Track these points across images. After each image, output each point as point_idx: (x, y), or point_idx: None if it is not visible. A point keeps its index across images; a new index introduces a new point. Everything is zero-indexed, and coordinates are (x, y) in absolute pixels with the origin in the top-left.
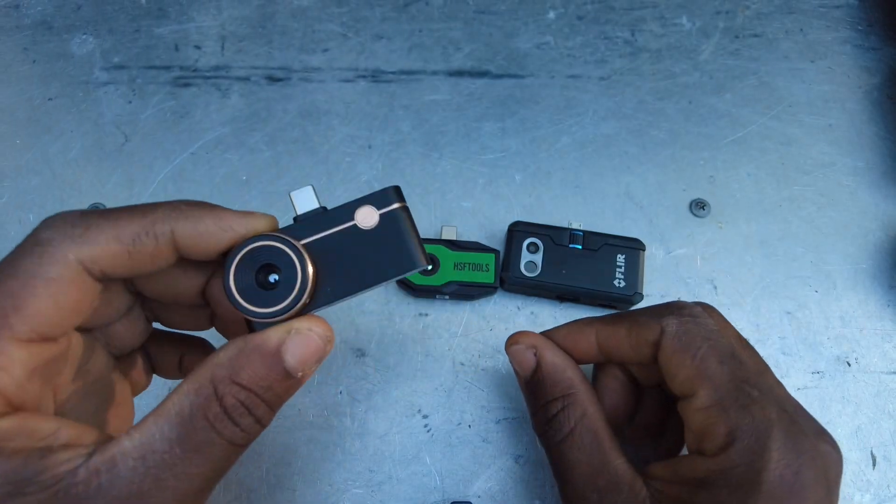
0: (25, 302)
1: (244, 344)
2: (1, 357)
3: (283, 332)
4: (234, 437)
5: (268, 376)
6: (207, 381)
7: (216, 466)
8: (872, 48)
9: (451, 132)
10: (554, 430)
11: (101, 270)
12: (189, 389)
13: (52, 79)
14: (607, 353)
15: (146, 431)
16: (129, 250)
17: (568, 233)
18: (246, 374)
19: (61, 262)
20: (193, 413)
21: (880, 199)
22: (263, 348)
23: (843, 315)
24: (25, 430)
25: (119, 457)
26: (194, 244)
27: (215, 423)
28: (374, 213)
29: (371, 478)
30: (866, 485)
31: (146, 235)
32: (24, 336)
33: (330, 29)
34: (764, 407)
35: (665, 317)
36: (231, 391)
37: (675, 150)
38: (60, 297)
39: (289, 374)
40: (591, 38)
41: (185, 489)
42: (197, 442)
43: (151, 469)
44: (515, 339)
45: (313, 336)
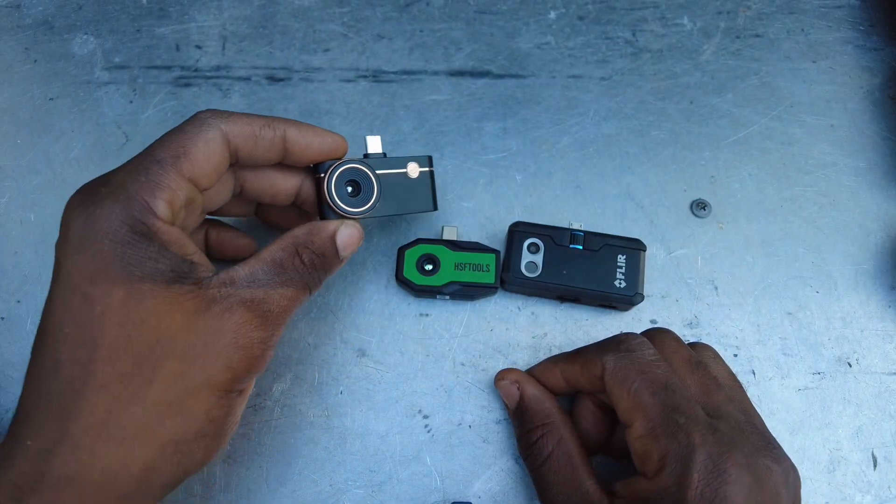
0: (190, 150)
1: (313, 226)
2: (174, 183)
3: (337, 223)
4: (308, 280)
5: (326, 248)
6: (291, 244)
7: (296, 296)
8: (874, 48)
9: (452, 132)
10: (535, 455)
11: (236, 146)
12: (279, 247)
13: (53, 78)
14: (573, 386)
15: (252, 266)
16: (255, 135)
17: (569, 233)
18: (315, 244)
19: (215, 130)
20: (284, 261)
21: (882, 199)
22: (326, 229)
23: (845, 316)
24: (181, 242)
25: (237, 278)
26: (298, 144)
27: (298, 269)
28: (417, 169)
29: (371, 478)
30: (867, 486)
31: (268, 127)
32: (187, 174)
33: (331, 29)
34: (689, 433)
35: (605, 354)
36: (306, 252)
37: (676, 151)
38: (212, 155)
39: (336, 251)
40: (593, 38)
41: (283, 303)
42: (287, 277)
43: (261, 287)
44: (502, 375)
45: (354, 229)
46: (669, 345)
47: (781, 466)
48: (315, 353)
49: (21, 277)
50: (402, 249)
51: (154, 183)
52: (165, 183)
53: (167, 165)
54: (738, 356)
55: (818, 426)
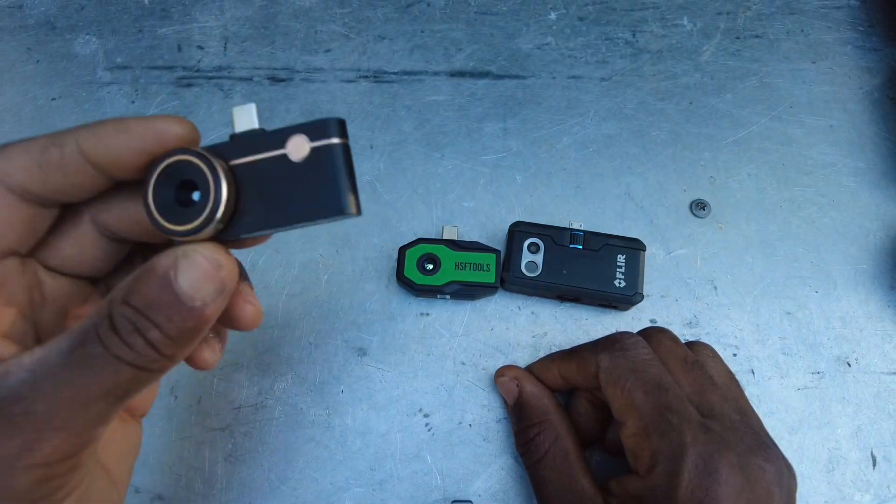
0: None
1: (141, 270)
2: None
3: (172, 255)
4: (122, 354)
5: (158, 298)
6: (107, 302)
7: (105, 382)
8: (874, 49)
9: (453, 132)
10: (531, 451)
11: (20, 185)
12: (91, 312)
13: (55, 79)
14: (570, 384)
15: (47, 347)
16: (38, 162)
17: (569, 233)
18: (137, 296)
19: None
20: (87, 329)
21: (881, 199)
22: (153, 270)
23: (844, 315)
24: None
25: (15, 368)
26: (98, 152)
27: (104, 338)
28: (306, 145)
29: (372, 476)
30: (866, 485)
31: (52, 146)
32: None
33: (332, 29)
34: (680, 432)
35: (600, 352)
36: (120, 310)
37: (676, 151)
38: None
39: (181, 298)
40: (593, 38)
41: (66, 397)
42: (85, 355)
43: (38, 378)
44: (501, 371)
45: (200, 258)
46: (665, 344)
47: (774, 466)
48: (316, 352)
49: None
50: (402, 249)
51: None
52: None
53: None
54: (737, 356)
55: (817, 425)
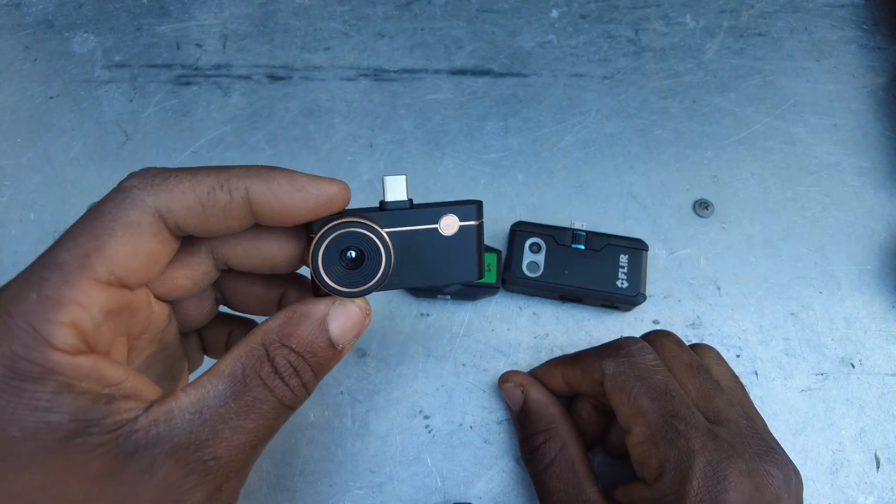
0: (105, 244)
1: (293, 312)
2: (81, 295)
3: (328, 302)
4: (284, 397)
5: (314, 342)
6: (259, 344)
7: (267, 424)
8: (878, 47)
9: (454, 131)
10: (537, 460)
11: (176, 221)
12: (241, 352)
13: (53, 77)
14: (574, 389)
15: (201, 389)
16: (202, 202)
17: (570, 233)
18: (295, 339)
19: (140, 208)
20: (247, 372)
21: (886, 199)
22: (312, 315)
23: (848, 316)
24: (96, 374)
25: (176, 410)
26: (268, 204)
27: (267, 381)
28: (456, 224)
29: (372, 478)
30: (870, 487)
31: (220, 189)
32: (103, 277)
33: (332, 27)
34: (689, 439)
35: (605, 359)
36: (282, 353)
37: (679, 150)
38: (138, 243)
39: (332, 343)
40: (595, 36)
41: (240, 442)
42: (251, 399)
43: (208, 421)
44: (506, 377)
45: (354, 308)
46: (670, 348)
47: (783, 472)
48: None
49: None
50: None
51: (49, 300)
52: (66, 298)
53: (70, 271)
54: (740, 357)
55: (821, 427)
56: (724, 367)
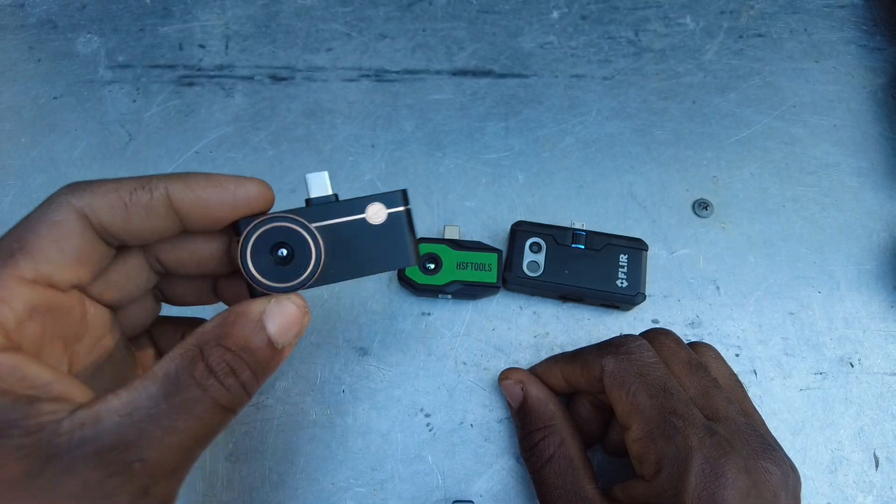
0: (29, 242)
1: (228, 313)
2: (3, 291)
3: (263, 301)
4: (219, 396)
5: (251, 341)
6: (193, 345)
7: (202, 425)
8: (877, 48)
9: (455, 131)
10: (536, 456)
11: (100, 221)
12: (176, 354)
13: (56, 77)
14: (573, 387)
15: (132, 390)
16: (125, 202)
17: (571, 232)
18: (231, 338)
19: (65, 209)
20: (179, 372)
21: (885, 199)
22: (247, 315)
23: (847, 316)
24: (19, 373)
25: (104, 412)
26: (187, 201)
27: (201, 381)
28: (384, 211)
29: (373, 476)
30: (869, 486)
31: (142, 189)
32: (27, 275)
33: (334, 28)
34: (686, 436)
35: (604, 356)
36: (217, 352)
37: (679, 150)
38: (63, 242)
39: (271, 342)
40: (595, 37)
41: (170, 443)
42: (183, 398)
43: (138, 423)
44: (506, 374)
45: (291, 305)
46: (669, 346)
47: (780, 469)
48: (317, 351)
49: None
50: None
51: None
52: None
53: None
54: (739, 356)
55: (820, 426)
56: (722, 364)
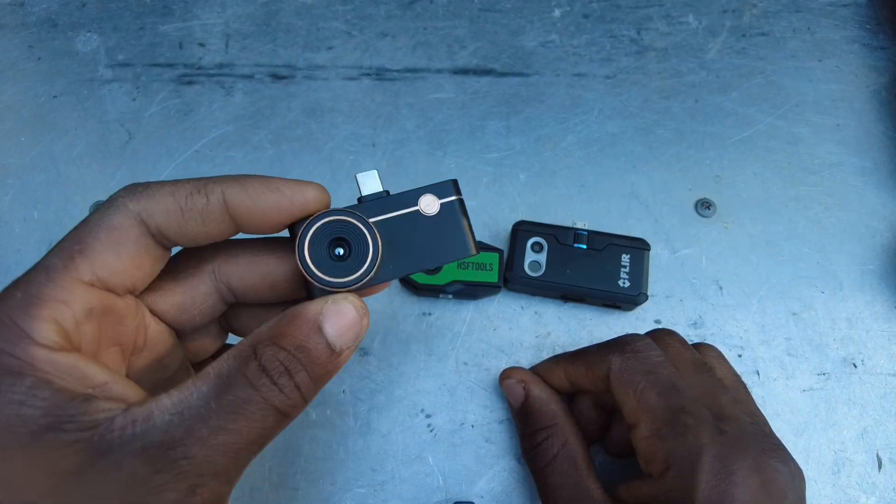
0: (88, 245)
1: (284, 314)
2: (62, 293)
3: (321, 302)
4: (271, 397)
5: (307, 341)
6: (248, 345)
7: (255, 427)
8: (880, 47)
9: (456, 130)
10: (539, 456)
11: (157, 225)
12: (229, 355)
13: (56, 76)
14: (577, 386)
15: (184, 390)
16: (181, 206)
17: (572, 232)
18: (287, 338)
19: (122, 213)
20: (231, 371)
21: (888, 199)
22: (304, 315)
23: (850, 316)
24: (77, 372)
25: (156, 410)
26: (244, 205)
27: (253, 380)
28: (436, 202)
29: (374, 477)
30: (872, 487)
31: (198, 193)
32: (85, 277)
33: (334, 27)
34: (696, 434)
35: (610, 354)
36: (270, 351)
37: (681, 150)
38: (120, 246)
39: (329, 345)
40: (597, 36)
41: (219, 442)
42: (234, 398)
43: (187, 421)
44: (507, 374)
45: (349, 306)
46: (674, 346)
47: (788, 468)
48: None
49: None
50: None
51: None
52: (49, 296)
53: (55, 272)
54: (742, 356)
55: (823, 427)
56: (725, 365)
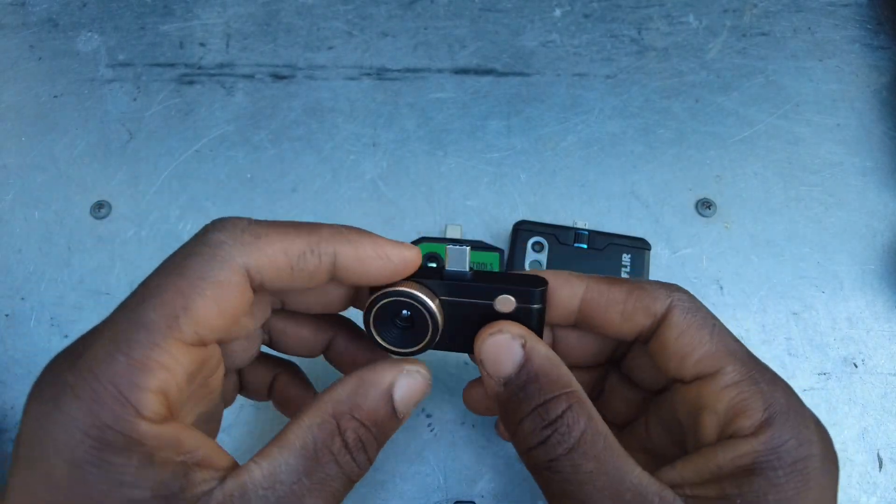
0: (193, 304)
1: (360, 380)
2: (168, 359)
3: (395, 371)
4: (351, 473)
5: (379, 412)
6: (329, 415)
7: (335, 499)
8: (881, 47)
9: (457, 130)
10: (559, 436)
11: (262, 281)
12: (312, 423)
13: (57, 76)
14: (588, 317)
15: (273, 462)
16: (292, 265)
17: (573, 232)
18: (363, 411)
19: (230, 267)
20: (318, 447)
21: (889, 199)
22: (379, 385)
23: (850, 316)
24: (175, 442)
25: (250, 484)
26: (352, 268)
27: (338, 458)
28: (513, 304)
29: (374, 476)
30: (872, 487)
31: (311, 254)
32: (188, 338)
33: (335, 27)
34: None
35: (675, 291)
36: (352, 426)
37: (682, 149)
38: (224, 303)
39: (395, 412)
40: (598, 36)
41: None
42: (322, 475)
43: (280, 499)
44: (498, 326)
45: (420, 378)
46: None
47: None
48: None
49: (25, 274)
50: None
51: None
52: (154, 363)
53: (158, 332)
54: None
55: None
56: None
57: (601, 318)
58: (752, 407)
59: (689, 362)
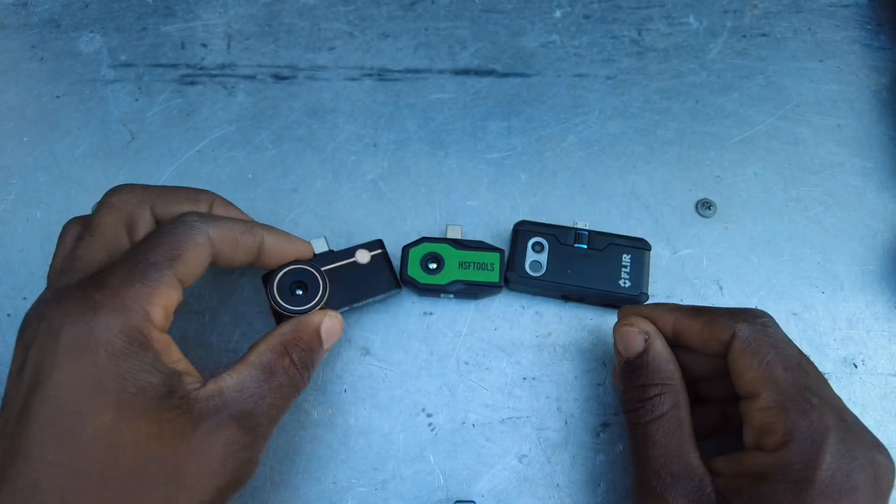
0: (184, 253)
1: (299, 321)
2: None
3: (321, 315)
4: (298, 382)
5: (313, 342)
6: (279, 343)
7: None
8: (882, 48)
9: (457, 131)
10: (646, 410)
11: (217, 251)
12: (267, 348)
13: (59, 76)
14: (680, 339)
15: (240, 374)
16: (236, 240)
17: (573, 232)
18: (303, 340)
19: (203, 234)
20: (273, 364)
21: (889, 199)
22: (312, 324)
23: (850, 317)
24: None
25: (225, 388)
26: (272, 252)
27: (287, 371)
28: (367, 255)
29: (375, 476)
30: None
31: (248, 234)
32: (180, 277)
33: (336, 27)
34: (823, 414)
35: (739, 322)
36: (296, 350)
37: (682, 150)
38: (200, 259)
39: (321, 343)
40: (598, 37)
41: (272, 414)
42: (276, 384)
43: (249, 398)
44: (629, 318)
45: (335, 320)
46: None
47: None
48: None
49: (27, 274)
50: (406, 248)
51: (151, 289)
52: (162, 288)
53: (163, 269)
54: None
55: None
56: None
57: (689, 343)
58: (774, 430)
59: (740, 383)
